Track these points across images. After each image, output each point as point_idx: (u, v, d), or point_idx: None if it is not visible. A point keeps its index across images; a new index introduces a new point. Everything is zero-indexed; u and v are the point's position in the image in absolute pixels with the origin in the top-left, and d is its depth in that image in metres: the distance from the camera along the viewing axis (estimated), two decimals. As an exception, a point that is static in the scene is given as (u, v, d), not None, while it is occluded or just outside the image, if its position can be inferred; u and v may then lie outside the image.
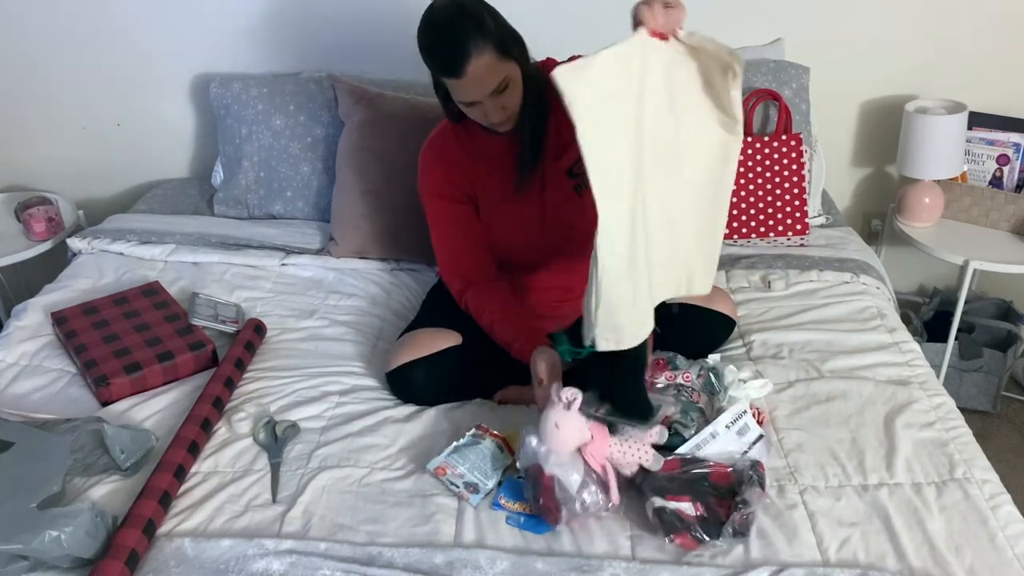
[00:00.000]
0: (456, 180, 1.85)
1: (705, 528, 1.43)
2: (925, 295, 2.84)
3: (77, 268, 2.26)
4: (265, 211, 2.49)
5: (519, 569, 1.39)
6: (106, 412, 1.75)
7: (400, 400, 1.80)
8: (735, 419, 1.61)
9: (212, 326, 1.97)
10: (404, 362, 1.79)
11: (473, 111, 1.69)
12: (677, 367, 1.70)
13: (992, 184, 2.53)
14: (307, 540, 1.44)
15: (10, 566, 1.36)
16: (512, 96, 1.67)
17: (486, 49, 1.59)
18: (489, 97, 1.64)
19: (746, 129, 2.35)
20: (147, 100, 2.66)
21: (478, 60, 1.58)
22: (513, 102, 1.68)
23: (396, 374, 1.79)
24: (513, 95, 1.67)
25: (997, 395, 2.62)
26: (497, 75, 1.62)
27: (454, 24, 1.59)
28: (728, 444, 1.58)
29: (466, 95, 1.64)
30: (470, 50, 1.57)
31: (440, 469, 1.57)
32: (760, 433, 1.61)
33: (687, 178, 1.47)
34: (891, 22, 2.49)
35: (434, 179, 1.87)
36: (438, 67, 1.63)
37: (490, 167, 1.84)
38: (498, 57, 1.61)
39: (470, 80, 1.60)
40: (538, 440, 1.49)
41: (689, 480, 1.50)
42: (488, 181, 1.84)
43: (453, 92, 1.66)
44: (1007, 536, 1.43)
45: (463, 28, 1.58)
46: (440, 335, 1.83)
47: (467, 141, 1.84)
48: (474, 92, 1.63)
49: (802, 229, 2.31)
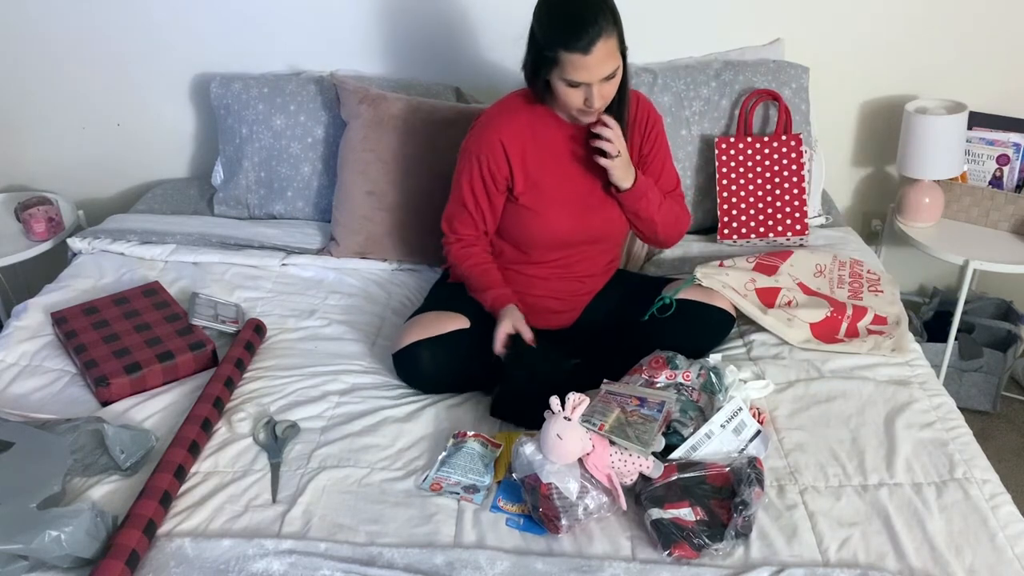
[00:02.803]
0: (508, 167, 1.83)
1: (707, 532, 1.43)
2: (925, 295, 2.84)
3: (77, 268, 2.26)
4: (265, 211, 2.49)
5: (519, 570, 1.39)
6: (106, 412, 1.75)
7: (405, 383, 1.80)
8: (730, 417, 1.61)
9: (212, 326, 1.97)
10: (411, 342, 1.79)
11: (574, 95, 1.70)
12: (677, 366, 1.70)
13: (992, 184, 2.52)
14: (307, 540, 1.44)
15: (10, 566, 1.36)
16: (613, 88, 1.71)
17: (614, 33, 1.64)
18: (600, 82, 1.67)
19: (746, 129, 2.35)
20: (147, 100, 2.66)
21: (607, 42, 1.62)
22: (612, 94, 1.72)
23: (403, 354, 1.79)
24: (614, 86, 1.72)
25: (997, 395, 2.62)
26: (615, 62, 1.67)
27: (596, 3, 1.63)
28: (724, 444, 1.58)
29: (582, 74, 1.65)
30: (604, 29, 1.61)
31: (435, 485, 1.57)
32: (757, 429, 1.61)
33: None
34: (891, 22, 2.49)
35: (494, 154, 1.83)
36: (567, 39, 1.63)
37: (559, 156, 1.85)
38: (618, 45, 1.66)
39: (594, 59, 1.63)
40: (533, 448, 1.49)
41: (686, 485, 1.50)
42: (549, 169, 1.85)
43: (567, 69, 1.66)
44: (1007, 536, 1.43)
45: (603, 9, 1.63)
46: (448, 318, 1.84)
47: (540, 125, 1.84)
48: (592, 73, 1.65)
49: (802, 229, 2.31)
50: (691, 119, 2.36)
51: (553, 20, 1.65)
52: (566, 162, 1.84)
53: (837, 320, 1.93)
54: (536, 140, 1.83)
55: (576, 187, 1.85)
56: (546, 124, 1.83)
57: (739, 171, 2.33)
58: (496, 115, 1.86)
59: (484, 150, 1.83)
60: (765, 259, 2.10)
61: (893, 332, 1.92)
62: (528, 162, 1.84)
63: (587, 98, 1.69)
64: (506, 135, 1.82)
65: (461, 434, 1.66)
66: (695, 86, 2.37)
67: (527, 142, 1.83)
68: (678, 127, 2.36)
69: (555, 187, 1.84)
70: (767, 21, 2.50)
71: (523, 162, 1.84)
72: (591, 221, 1.88)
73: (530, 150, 1.83)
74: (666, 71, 2.40)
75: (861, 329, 1.94)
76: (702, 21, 2.51)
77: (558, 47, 1.64)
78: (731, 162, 2.33)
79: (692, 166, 2.37)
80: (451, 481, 1.57)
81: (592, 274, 1.96)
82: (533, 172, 1.84)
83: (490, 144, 1.83)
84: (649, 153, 1.91)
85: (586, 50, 1.62)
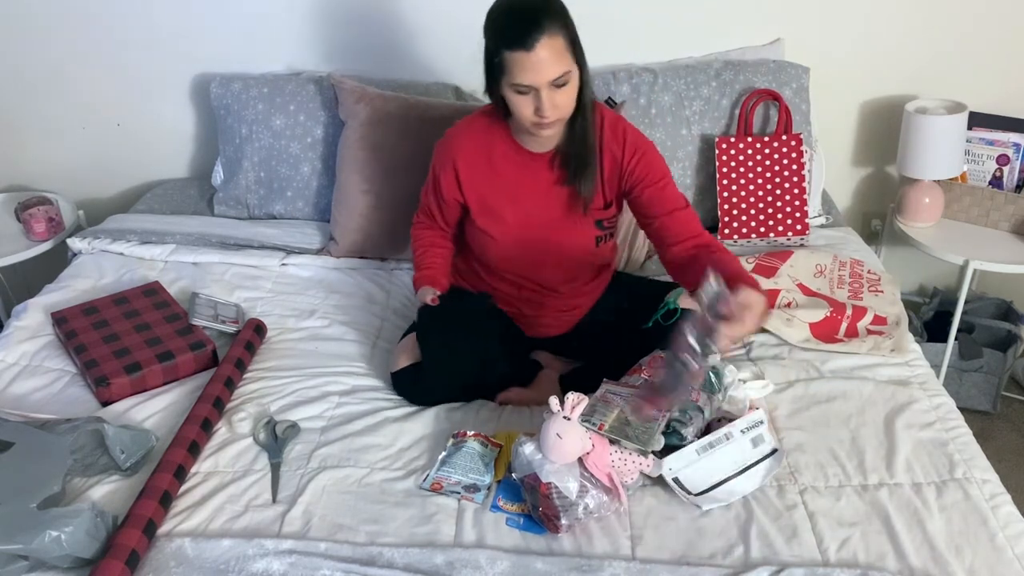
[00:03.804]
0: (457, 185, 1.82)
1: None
2: (925, 295, 2.84)
3: (77, 268, 2.26)
4: (265, 211, 2.49)
5: (519, 569, 1.39)
6: (106, 412, 1.75)
7: (404, 400, 1.80)
8: (751, 426, 1.60)
9: (212, 326, 1.97)
10: (408, 364, 1.79)
11: (524, 103, 1.62)
12: (677, 367, 1.70)
13: (992, 184, 2.52)
14: (307, 540, 1.44)
15: (10, 566, 1.36)
16: (566, 98, 1.63)
17: (561, 33, 1.58)
18: (548, 86, 1.59)
19: (746, 129, 2.35)
20: (147, 100, 2.66)
21: (552, 40, 1.56)
22: (566, 106, 1.64)
23: (401, 375, 1.80)
24: (568, 98, 1.63)
25: (997, 395, 2.62)
26: (562, 63, 1.58)
27: (539, 5, 1.58)
28: (740, 451, 1.57)
29: (529, 75, 1.58)
30: (546, 26, 1.55)
31: (435, 485, 1.57)
32: (774, 448, 1.60)
33: None
34: (891, 22, 2.49)
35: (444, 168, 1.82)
36: (510, 37, 1.57)
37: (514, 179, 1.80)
38: (567, 47, 1.59)
39: (537, 57, 1.55)
40: (532, 448, 1.49)
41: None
42: (504, 192, 1.81)
43: (514, 71, 1.59)
44: (1007, 536, 1.43)
45: (546, 9, 1.58)
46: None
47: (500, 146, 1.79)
48: (535, 75, 1.57)
49: (802, 229, 2.31)
50: (691, 119, 2.36)
51: (496, 23, 1.60)
52: (522, 186, 1.80)
53: (837, 320, 1.93)
54: (492, 163, 1.80)
55: (532, 212, 1.81)
56: (505, 149, 1.79)
57: (739, 171, 2.33)
58: (456, 135, 1.83)
59: (439, 171, 1.83)
60: (765, 260, 2.10)
61: (893, 332, 1.92)
62: (482, 185, 1.81)
63: (537, 106, 1.60)
64: (461, 159, 1.80)
65: (461, 434, 1.66)
66: (695, 86, 2.37)
67: (482, 165, 1.80)
68: (678, 127, 2.36)
69: (511, 212, 1.81)
70: (767, 21, 2.50)
71: (475, 185, 1.81)
72: (548, 247, 1.84)
73: (484, 174, 1.80)
74: (666, 71, 2.40)
75: (861, 329, 1.94)
76: (702, 21, 2.51)
77: (502, 48, 1.58)
78: (731, 162, 2.33)
79: (692, 166, 2.37)
80: (452, 481, 1.57)
81: (572, 292, 1.92)
82: (487, 195, 1.81)
83: (443, 166, 1.82)
84: (644, 180, 1.77)
85: (528, 46, 1.54)
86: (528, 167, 1.79)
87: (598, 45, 2.50)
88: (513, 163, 1.79)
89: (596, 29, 2.51)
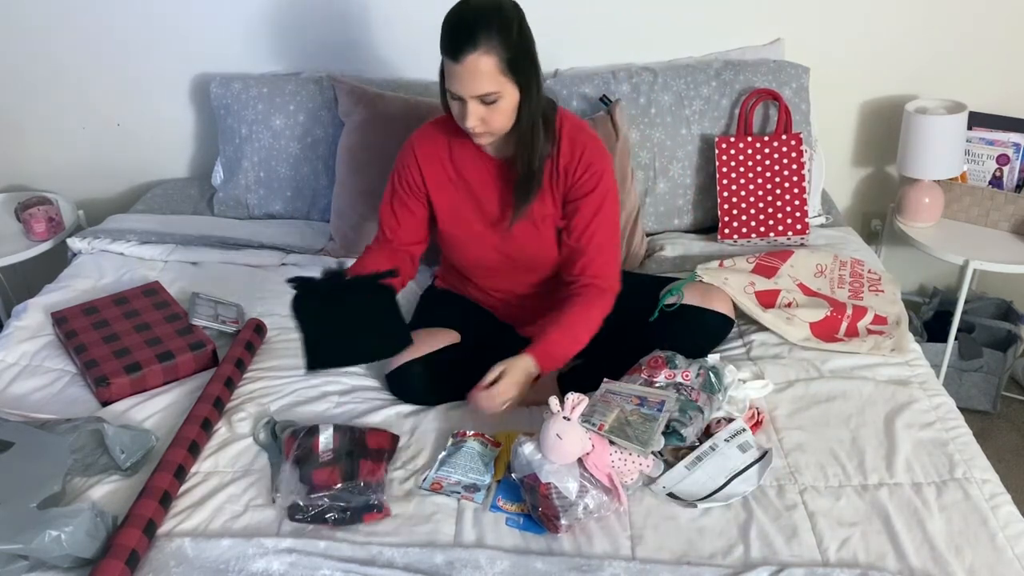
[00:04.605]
0: (421, 179, 1.83)
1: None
2: (925, 295, 2.84)
3: (77, 268, 2.26)
4: (265, 211, 2.49)
5: (519, 569, 1.39)
6: (106, 412, 1.75)
7: (400, 399, 1.80)
8: (734, 434, 1.61)
9: (212, 326, 1.97)
10: (403, 363, 1.79)
11: (455, 106, 1.66)
12: (676, 366, 1.70)
13: (992, 184, 2.52)
14: (307, 539, 1.44)
15: (10, 566, 1.36)
16: (497, 116, 1.64)
17: (493, 53, 1.57)
18: (473, 100, 1.61)
19: (746, 129, 2.35)
20: (147, 100, 2.66)
21: (480, 57, 1.57)
22: (497, 123, 1.65)
23: (396, 374, 1.80)
24: (499, 116, 1.64)
25: (997, 395, 2.62)
26: (490, 84, 1.59)
27: (481, 13, 1.58)
28: (729, 459, 1.58)
29: (455, 84, 1.61)
30: (480, 43, 1.56)
31: (435, 485, 1.57)
32: (764, 451, 1.60)
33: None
34: (891, 22, 2.49)
35: (408, 164, 1.84)
36: (444, 43, 1.60)
37: (472, 182, 1.82)
38: (501, 69, 1.59)
39: (463, 70, 1.58)
40: (532, 448, 1.49)
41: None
42: (463, 193, 1.83)
43: (447, 76, 1.63)
44: (1007, 536, 1.43)
45: (485, 21, 1.57)
46: (438, 334, 1.83)
47: (459, 148, 1.81)
48: (460, 85, 1.60)
49: (802, 229, 2.31)
50: (691, 119, 2.36)
51: (443, 25, 1.61)
52: (484, 190, 1.81)
53: (837, 320, 1.93)
54: (455, 165, 1.81)
55: (494, 216, 1.82)
56: (465, 151, 1.80)
57: (739, 171, 2.33)
58: (417, 137, 1.84)
59: (408, 173, 1.83)
60: (765, 260, 2.10)
61: (893, 332, 1.92)
62: (447, 186, 1.82)
63: (463, 115, 1.63)
64: (423, 155, 1.81)
65: (460, 433, 1.66)
66: (695, 86, 2.37)
67: (446, 166, 1.82)
68: (678, 127, 2.36)
69: (473, 215, 1.82)
70: (767, 21, 2.50)
71: (441, 185, 1.82)
72: (511, 250, 1.84)
73: (449, 175, 1.82)
74: (666, 71, 2.40)
75: (861, 329, 1.94)
76: (702, 21, 2.51)
77: (441, 49, 1.61)
78: (731, 162, 2.33)
79: (692, 166, 2.37)
80: (452, 480, 1.57)
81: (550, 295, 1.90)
82: (453, 198, 1.83)
83: (406, 166, 1.83)
84: (580, 198, 1.77)
85: (455, 57, 1.57)
86: (486, 168, 1.80)
87: (598, 45, 2.53)
88: (472, 164, 1.81)
89: (596, 29, 2.53)
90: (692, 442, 1.61)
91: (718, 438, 1.60)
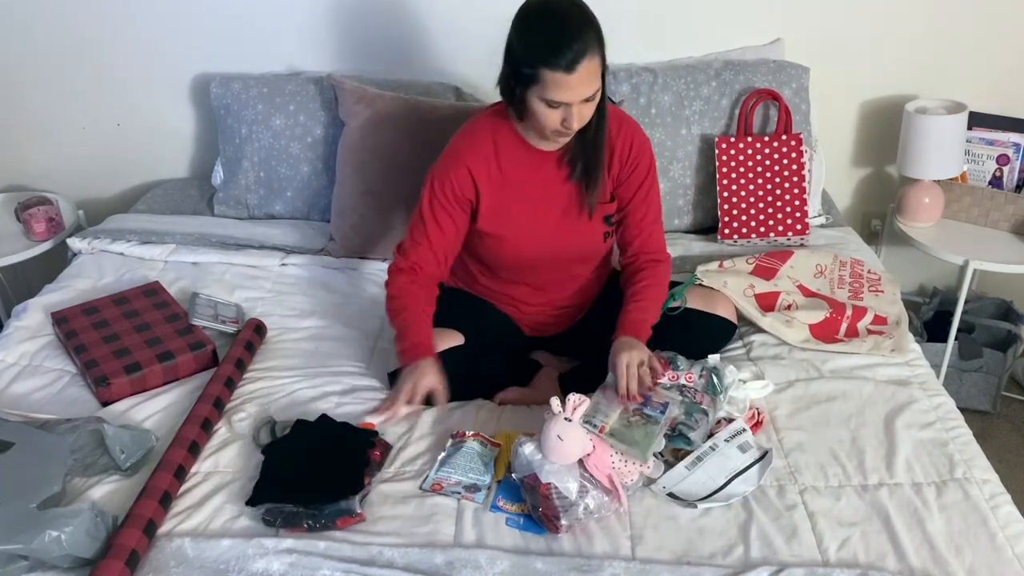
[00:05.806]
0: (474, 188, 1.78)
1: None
2: (925, 295, 2.84)
3: (77, 268, 2.26)
4: (265, 211, 2.49)
5: (519, 569, 1.39)
6: (106, 412, 1.75)
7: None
8: (734, 435, 1.61)
9: (212, 326, 1.97)
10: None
11: (552, 115, 1.62)
12: (678, 367, 1.70)
13: (992, 184, 2.52)
14: (307, 540, 1.44)
15: (10, 566, 1.36)
16: (592, 109, 1.66)
17: (597, 54, 1.59)
18: (580, 102, 1.61)
19: (746, 129, 2.35)
20: (147, 100, 2.66)
21: (590, 62, 1.57)
22: (590, 115, 1.67)
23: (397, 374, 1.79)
24: (593, 108, 1.66)
25: (997, 395, 2.62)
26: (595, 82, 1.60)
27: (581, 21, 1.58)
28: (729, 459, 1.58)
29: (564, 94, 1.58)
30: (588, 48, 1.56)
31: (436, 485, 1.57)
32: (765, 451, 1.60)
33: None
34: (891, 22, 2.49)
35: (459, 176, 1.77)
36: (550, 56, 1.55)
37: (522, 181, 1.80)
38: (600, 66, 1.61)
39: (576, 79, 1.56)
40: (532, 448, 1.49)
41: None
42: (513, 192, 1.80)
43: (548, 88, 1.57)
44: (1007, 536, 1.43)
45: (587, 27, 1.58)
46: (442, 335, 1.83)
47: (505, 148, 1.78)
48: (573, 92, 1.58)
49: (802, 229, 2.31)
50: (691, 119, 2.36)
51: (535, 35, 1.58)
52: (533, 187, 1.80)
53: (836, 321, 1.93)
54: (502, 167, 1.78)
55: (544, 211, 1.81)
56: (512, 149, 1.78)
57: (739, 171, 2.33)
58: (462, 144, 1.79)
59: (451, 176, 1.77)
60: (765, 260, 2.10)
61: (893, 332, 1.92)
62: (494, 189, 1.80)
63: (565, 119, 1.61)
64: (473, 164, 1.77)
65: (460, 434, 1.66)
66: (695, 86, 2.37)
67: (493, 170, 1.78)
68: (678, 127, 2.36)
69: (521, 212, 1.81)
70: (767, 21, 2.50)
71: (490, 189, 1.79)
72: (559, 244, 1.84)
73: (496, 178, 1.79)
74: (666, 71, 2.40)
75: (861, 329, 1.94)
76: (702, 21, 2.51)
77: (539, 64, 1.56)
78: (731, 162, 2.33)
79: (692, 166, 2.37)
80: (452, 481, 1.56)
81: (573, 290, 1.93)
82: (500, 199, 1.80)
83: (457, 173, 1.77)
84: (628, 181, 1.82)
85: (570, 69, 1.54)
86: (536, 165, 1.79)
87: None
88: (520, 162, 1.79)
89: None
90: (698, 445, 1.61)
91: (718, 438, 1.60)
